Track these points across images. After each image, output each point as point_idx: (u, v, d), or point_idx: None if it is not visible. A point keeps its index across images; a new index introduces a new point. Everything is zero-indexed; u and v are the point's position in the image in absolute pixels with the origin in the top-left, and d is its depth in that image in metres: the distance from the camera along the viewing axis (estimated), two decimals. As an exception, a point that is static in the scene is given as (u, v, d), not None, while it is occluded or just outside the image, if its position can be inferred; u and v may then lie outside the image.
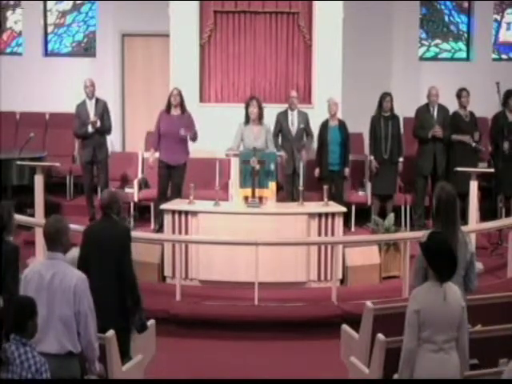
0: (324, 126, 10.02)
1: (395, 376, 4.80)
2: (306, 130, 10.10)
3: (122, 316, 5.78)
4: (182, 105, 9.70)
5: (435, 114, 10.17)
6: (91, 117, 9.95)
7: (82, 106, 10.09)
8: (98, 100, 10.13)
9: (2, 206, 5.49)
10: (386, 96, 10.17)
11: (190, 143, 9.80)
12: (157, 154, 9.79)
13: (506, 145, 9.92)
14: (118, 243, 5.80)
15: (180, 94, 9.69)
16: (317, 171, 10.06)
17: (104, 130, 10.08)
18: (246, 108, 9.45)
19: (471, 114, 10.26)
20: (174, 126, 9.58)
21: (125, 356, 5.68)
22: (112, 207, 5.92)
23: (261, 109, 9.41)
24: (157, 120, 9.79)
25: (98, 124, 9.92)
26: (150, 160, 9.84)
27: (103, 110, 10.07)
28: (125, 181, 10.85)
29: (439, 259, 4.63)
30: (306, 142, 10.13)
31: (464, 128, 10.14)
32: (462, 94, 10.19)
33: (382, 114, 10.16)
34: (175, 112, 9.70)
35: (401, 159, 10.20)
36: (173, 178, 9.72)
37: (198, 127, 9.76)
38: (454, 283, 4.80)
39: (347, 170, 10.08)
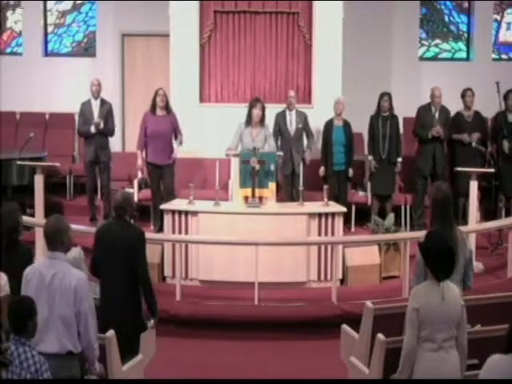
0: (329, 126, 10.00)
1: (395, 375, 4.80)
2: (305, 130, 10.09)
3: (135, 316, 5.80)
4: (167, 105, 9.70)
5: (437, 114, 10.15)
6: (95, 117, 9.95)
7: (86, 105, 10.09)
8: (103, 101, 10.13)
9: (12, 207, 5.48)
10: (383, 95, 10.17)
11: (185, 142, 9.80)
12: (143, 155, 9.81)
13: (506, 144, 9.91)
14: (131, 245, 5.80)
15: (166, 95, 9.68)
16: (322, 170, 10.04)
17: (107, 132, 10.08)
18: (250, 109, 9.42)
19: (476, 114, 10.25)
20: (161, 127, 9.59)
21: (134, 355, 5.71)
22: (125, 209, 5.92)
23: (263, 111, 9.42)
24: (141, 121, 9.78)
25: (101, 126, 9.91)
26: (138, 162, 9.85)
27: (108, 113, 10.06)
28: (125, 181, 10.85)
29: (437, 258, 4.66)
30: (308, 143, 10.13)
31: (464, 128, 10.14)
32: (466, 93, 10.18)
33: (380, 113, 10.17)
34: (161, 112, 9.69)
35: (399, 159, 10.19)
36: (163, 178, 9.73)
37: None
38: (454, 282, 4.83)
39: (351, 171, 10.06)
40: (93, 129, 9.90)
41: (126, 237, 5.82)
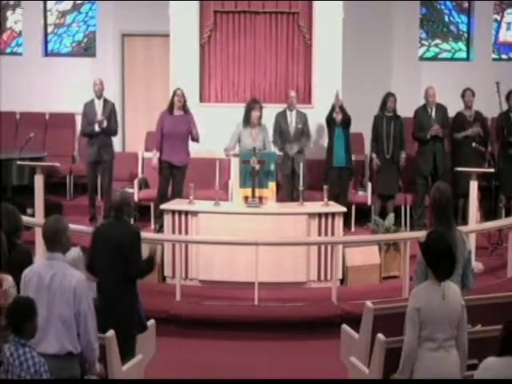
0: (331, 121, 9.95)
1: (396, 375, 4.80)
2: (303, 131, 10.06)
3: (131, 316, 5.81)
4: (184, 105, 9.71)
5: (433, 113, 10.19)
6: (98, 116, 9.96)
7: (89, 105, 10.11)
8: (106, 101, 10.15)
9: (9, 208, 5.47)
10: (389, 96, 10.20)
11: (190, 144, 9.80)
12: (158, 155, 9.79)
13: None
14: (128, 244, 5.83)
15: (184, 95, 9.70)
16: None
17: (110, 131, 10.08)
18: (248, 110, 9.43)
19: (477, 113, 10.26)
20: (178, 127, 9.59)
21: (130, 357, 5.70)
22: (123, 209, 5.95)
23: (261, 112, 9.44)
24: (158, 120, 9.77)
25: (105, 124, 9.91)
26: (153, 161, 9.78)
27: (111, 112, 10.07)
28: (125, 181, 10.84)
29: (438, 258, 4.67)
30: (301, 143, 10.03)
31: (467, 128, 10.16)
32: (465, 93, 10.22)
33: (384, 113, 10.19)
34: (178, 112, 9.70)
35: (403, 155, 10.17)
36: (175, 178, 9.71)
37: (198, 127, 9.77)
38: (453, 282, 4.83)
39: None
40: (96, 127, 9.91)
41: (123, 237, 5.85)
